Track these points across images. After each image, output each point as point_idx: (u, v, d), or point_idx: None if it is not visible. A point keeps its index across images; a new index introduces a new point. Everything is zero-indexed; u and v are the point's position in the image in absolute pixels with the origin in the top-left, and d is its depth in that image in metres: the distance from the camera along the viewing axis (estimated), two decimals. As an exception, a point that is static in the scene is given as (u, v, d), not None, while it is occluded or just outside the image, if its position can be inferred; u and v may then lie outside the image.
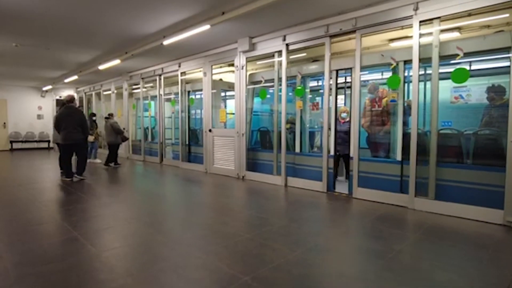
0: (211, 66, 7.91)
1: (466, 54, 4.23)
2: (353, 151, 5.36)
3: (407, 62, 4.89)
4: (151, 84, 10.58)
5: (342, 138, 6.55)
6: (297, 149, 6.90)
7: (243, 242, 3.32)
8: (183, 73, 8.88)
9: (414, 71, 4.51)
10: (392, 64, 5.08)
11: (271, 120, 7.00)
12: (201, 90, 8.47)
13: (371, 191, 5.08)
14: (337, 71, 5.81)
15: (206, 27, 5.68)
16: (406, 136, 4.78)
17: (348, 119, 6.41)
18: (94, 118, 10.44)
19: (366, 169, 5.23)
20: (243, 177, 7.08)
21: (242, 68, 7.00)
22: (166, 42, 6.61)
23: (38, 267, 2.68)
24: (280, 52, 6.27)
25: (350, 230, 3.99)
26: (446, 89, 4.42)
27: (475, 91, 4.37)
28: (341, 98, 8.28)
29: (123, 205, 5.09)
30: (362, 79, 7.88)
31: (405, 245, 3.30)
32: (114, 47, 7.73)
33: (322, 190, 5.75)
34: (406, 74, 5.12)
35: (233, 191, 6.26)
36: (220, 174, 7.65)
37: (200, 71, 8.24)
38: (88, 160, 9.16)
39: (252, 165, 7.13)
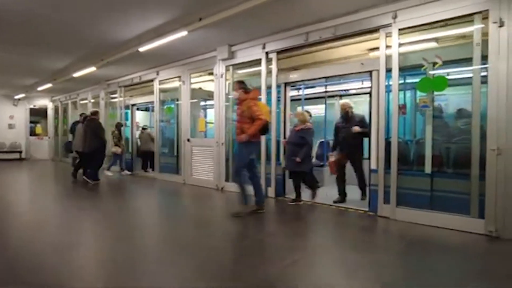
0: (190, 74, 7.71)
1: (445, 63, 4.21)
2: (392, 164, 4.47)
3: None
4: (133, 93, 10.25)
5: (291, 150, 5.22)
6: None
7: (221, 255, 3.10)
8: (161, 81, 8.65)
9: (394, 80, 4.46)
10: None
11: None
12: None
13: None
14: (285, 84, 5.94)
15: (183, 33, 5.52)
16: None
17: (301, 127, 5.30)
18: (122, 128, 9.57)
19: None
20: (222, 188, 6.83)
21: (222, 77, 6.84)
22: (142, 48, 6.39)
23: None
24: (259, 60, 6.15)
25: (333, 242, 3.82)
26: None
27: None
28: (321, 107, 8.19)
29: (95, 218, 4.76)
30: (341, 88, 7.86)
31: (388, 256, 3.15)
32: (90, 54, 7.43)
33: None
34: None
35: (211, 203, 6.01)
36: (199, 185, 7.37)
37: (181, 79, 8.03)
38: (123, 172, 9.53)
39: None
